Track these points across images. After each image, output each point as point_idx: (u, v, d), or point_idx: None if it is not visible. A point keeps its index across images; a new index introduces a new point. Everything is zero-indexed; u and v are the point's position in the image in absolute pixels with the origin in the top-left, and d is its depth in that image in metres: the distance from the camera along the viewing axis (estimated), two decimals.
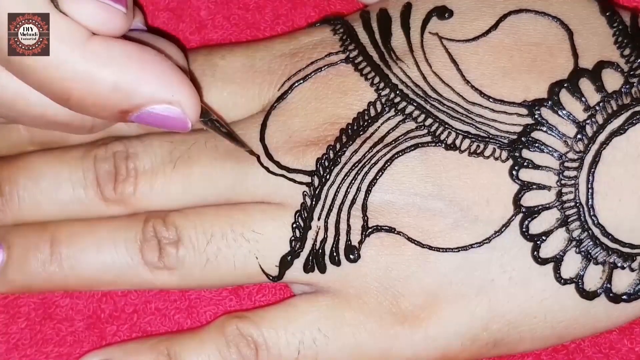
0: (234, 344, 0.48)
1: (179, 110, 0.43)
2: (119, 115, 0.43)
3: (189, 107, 0.43)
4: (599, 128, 0.46)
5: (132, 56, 0.42)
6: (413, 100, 0.47)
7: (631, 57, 0.47)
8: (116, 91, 0.42)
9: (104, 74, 0.41)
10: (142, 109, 0.43)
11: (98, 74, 0.41)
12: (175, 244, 0.49)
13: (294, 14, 0.55)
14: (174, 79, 0.43)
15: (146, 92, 0.42)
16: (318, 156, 0.47)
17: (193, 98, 0.44)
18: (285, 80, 0.49)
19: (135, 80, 0.42)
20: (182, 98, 0.43)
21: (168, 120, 0.44)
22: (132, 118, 0.43)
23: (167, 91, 0.43)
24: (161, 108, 0.43)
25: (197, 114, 0.44)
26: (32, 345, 0.52)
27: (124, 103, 0.42)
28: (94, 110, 0.43)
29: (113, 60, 0.41)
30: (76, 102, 0.42)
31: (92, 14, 0.41)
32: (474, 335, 0.47)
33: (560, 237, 0.46)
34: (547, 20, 0.48)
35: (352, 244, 0.47)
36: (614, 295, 0.46)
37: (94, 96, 0.42)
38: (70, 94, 0.41)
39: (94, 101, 0.42)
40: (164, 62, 0.43)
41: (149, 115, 0.43)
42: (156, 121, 0.44)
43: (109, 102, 0.42)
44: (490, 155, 0.46)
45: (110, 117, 0.43)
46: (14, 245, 0.50)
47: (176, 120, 0.44)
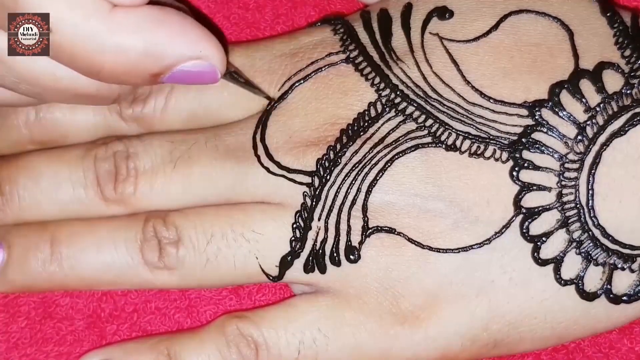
0: (234, 344, 0.48)
1: (208, 63, 0.44)
2: (150, 79, 0.43)
3: (217, 59, 0.44)
4: (599, 129, 0.46)
5: (156, 19, 0.42)
6: (413, 100, 0.47)
7: (632, 58, 0.47)
8: (146, 56, 0.42)
9: (133, 42, 0.41)
10: (173, 69, 0.43)
11: (127, 42, 0.41)
12: (175, 243, 0.49)
13: (294, 13, 0.55)
14: (199, 34, 0.43)
15: (176, 52, 0.43)
16: (318, 156, 0.47)
17: (219, 50, 0.44)
18: (286, 80, 0.49)
19: (163, 43, 0.42)
20: (210, 52, 0.44)
21: (199, 75, 0.44)
22: (164, 79, 0.44)
23: (195, 47, 0.43)
24: (191, 64, 0.43)
25: (224, 65, 0.45)
26: (32, 344, 0.52)
27: (156, 66, 0.43)
28: (126, 78, 0.43)
29: (139, 26, 0.41)
30: (108, 73, 0.42)
31: None
32: (474, 335, 0.47)
33: (560, 238, 0.46)
34: (547, 21, 0.48)
35: (353, 244, 0.47)
36: (614, 296, 0.46)
37: (125, 65, 0.42)
38: (102, 66, 0.42)
39: (126, 70, 0.42)
40: (186, 19, 0.43)
41: (180, 73, 0.43)
42: (188, 78, 0.44)
43: (141, 68, 0.42)
44: (490, 156, 0.46)
45: (142, 82, 0.44)
46: (14, 244, 0.50)
47: (207, 74, 0.44)
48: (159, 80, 0.44)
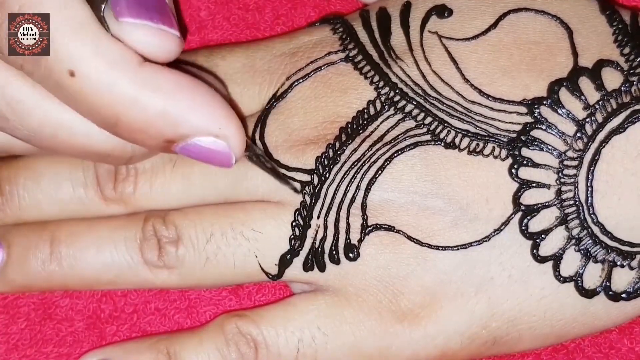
0: (234, 343, 0.48)
1: (225, 144, 0.43)
2: (164, 145, 0.43)
3: (235, 142, 0.43)
4: (598, 126, 0.46)
5: (182, 85, 0.42)
6: (412, 98, 0.47)
7: (631, 56, 0.47)
8: (164, 118, 0.41)
9: (154, 100, 0.41)
10: (187, 140, 0.43)
11: (147, 99, 0.41)
12: (174, 242, 0.49)
13: (293, 14, 0.55)
14: (222, 112, 0.43)
15: (194, 123, 0.42)
16: (318, 155, 0.47)
17: (240, 133, 0.43)
18: (285, 80, 0.49)
19: (183, 110, 0.42)
20: (229, 132, 0.43)
21: (213, 154, 0.43)
22: (177, 149, 0.43)
23: (215, 124, 0.42)
24: (207, 141, 0.43)
25: (242, 150, 0.44)
26: (32, 346, 0.52)
27: (171, 131, 0.42)
28: (141, 136, 0.42)
29: (163, 87, 0.41)
30: (124, 127, 0.42)
31: (146, 38, 0.41)
32: (474, 333, 0.47)
33: (559, 235, 0.46)
34: (546, 19, 0.48)
35: (352, 242, 0.47)
36: (614, 294, 0.46)
37: (141, 122, 0.41)
38: (119, 118, 0.41)
39: (141, 127, 0.42)
40: (213, 94, 0.43)
41: (194, 147, 0.43)
42: (201, 154, 0.43)
43: (156, 128, 0.42)
44: (489, 154, 0.46)
45: (156, 146, 0.43)
46: (14, 244, 0.50)
47: (221, 155, 0.43)
48: (172, 148, 0.43)
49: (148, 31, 0.41)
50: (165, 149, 0.43)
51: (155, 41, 0.41)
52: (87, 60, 0.40)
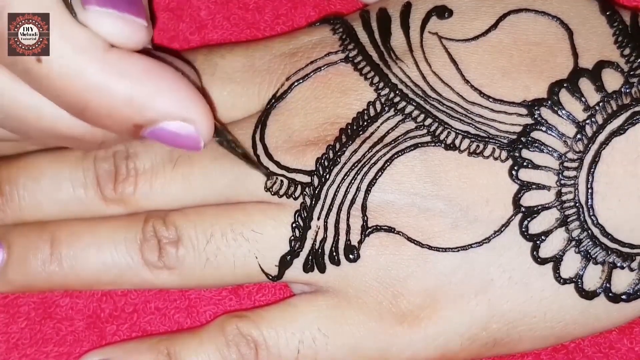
0: (234, 344, 0.48)
1: (193, 128, 0.43)
2: (132, 129, 0.43)
3: (203, 126, 0.43)
4: (598, 128, 0.46)
5: (149, 70, 0.42)
6: (412, 100, 0.47)
7: (631, 57, 0.47)
8: (131, 104, 0.42)
9: (121, 86, 0.41)
10: (155, 125, 0.43)
11: (115, 85, 0.41)
12: (175, 243, 0.49)
13: (293, 13, 0.55)
14: (189, 96, 0.43)
15: (161, 107, 0.42)
16: (318, 156, 0.47)
17: (207, 117, 0.43)
18: (285, 80, 0.49)
19: (150, 95, 0.42)
20: (197, 116, 0.43)
21: (180, 138, 0.43)
22: (145, 133, 0.43)
23: (181, 108, 0.43)
24: (175, 125, 0.43)
25: (211, 134, 0.44)
26: (32, 345, 0.52)
27: (138, 116, 0.42)
28: (109, 122, 0.42)
29: (130, 72, 0.41)
30: (91, 113, 0.42)
31: (112, 27, 0.41)
32: (474, 334, 0.47)
33: (559, 237, 0.46)
34: (546, 20, 0.48)
35: (352, 243, 0.47)
36: (614, 295, 0.46)
37: (109, 108, 0.41)
38: (87, 104, 0.41)
39: (109, 113, 0.42)
40: (180, 79, 0.43)
41: (162, 131, 0.43)
42: (169, 138, 0.43)
43: (124, 114, 0.42)
44: (489, 155, 0.46)
45: (124, 131, 0.43)
46: (14, 244, 0.50)
47: (189, 139, 0.44)
48: (141, 132, 0.43)
49: (114, 20, 0.41)
50: (133, 134, 0.43)
51: (122, 30, 0.41)
52: (53, 46, 0.40)
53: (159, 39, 0.55)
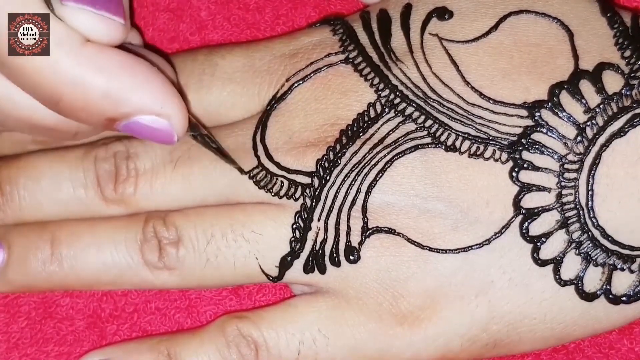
0: (234, 344, 0.48)
1: (166, 122, 0.44)
2: (106, 123, 0.43)
3: (177, 120, 0.44)
4: (599, 130, 0.46)
5: (124, 65, 0.42)
6: (413, 101, 0.47)
7: (632, 59, 0.47)
8: (106, 98, 0.42)
9: (96, 80, 0.42)
10: (129, 118, 0.43)
11: (90, 79, 0.41)
12: (175, 244, 0.49)
13: (294, 14, 0.55)
14: (164, 91, 0.43)
15: (135, 102, 0.43)
16: (318, 157, 0.47)
17: (181, 112, 0.44)
18: (285, 81, 0.49)
19: (125, 89, 0.42)
20: (171, 111, 0.44)
21: (154, 132, 0.44)
22: (119, 127, 0.44)
23: (156, 102, 0.43)
24: (149, 119, 0.43)
25: (184, 129, 0.45)
26: (32, 344, 0.52)
27: (112, 110, 0.43)
28: (83, 115, 0.43)
29: (106, 67, 0.42)
30: (66, 106, 0.42)
31: (89, 23, 0.41)
32: (474, 336, 0.47)
33: (560, 238, 0.46)
34: (547, 21, 0.48)
35: (352, 245, 0.47)
36: (614, 297, 0.46)
37: (83, 101, 0.42)
38: (61, 97, 0.42)
39: (84, 106, 0.42)
40: (155, 74, 0.44)
41: (136, 125, 0.44)
42: (142, 132, 0.44)
43: (98, 108, 0.42)
44: (490, 157, 0.46)
45: (98, 124, 0.44)
46: (14, 244, 0.50)
47: (163, 133, 0.44)
48: (115, 126, 0.44)
49: (90, 16, 0.41)
50: (107, 127, 0.44)
51: (98, 26, 0.42)
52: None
53: (159, 40, 0.55)
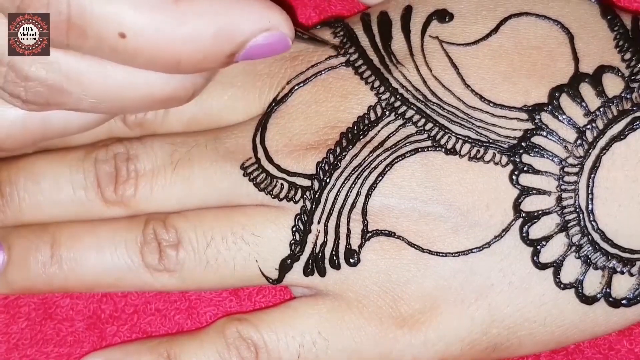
0: (234, 347, 0.48)
1: (278, 32, 0.43)
2: (227, 60, 0.43)
3: (285, 25, 0.43)
4: (599, 133, 0.46)
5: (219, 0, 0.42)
6: (413, 104, 0.47)
7: (632, 62, 0.47)
8: (219, 38, 0.41)
9: (203, 27, 0.41)
10: (246, 46, 0.43)
11: (197, 29, 0.41)
12: (175, 246, 0.49)
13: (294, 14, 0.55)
14: (262, 5, 0.43)
15: (246, 28, 0.42)
16: (318, 160, 0.47)
17: (285, 16, 0.43)
18: (286, 83, 0.49)
19: (232, 21, 0.42)
20: (277, 20, 0.43)
21: (272, 46, 0.43)
22: (239, 58, 0.43)
23: (262, 19, 0.42)
24: (262, 38, 0.43)
25: (293, 30, 0.44)
26: (32, 345, 0.52)
27: (229, 46, 0.42)
28: (205, 64, 0.42)
29: (205, 11, 0.41)
30: (187, 63, 0.42)
31: None
32: (474, 339, 0.47)
33: (560, 242, 0.46)
34: (547, 24, 0.48)
35: (352, 247, 0.47)
36: (614, 300, 0.46)
37: (201, 52, 0.41)
38: (180, 58, 0.41)
39: (203, 56, 0.42)
40: None
41: (254, 48, 0.43)
42: (261, 52, 0.43)
43: (216, 50, 0.42)
44: (490, 160, 0.46)
45: (221, 65, 0.43)
46: (14, 246, 0.50)
47: (279, 43, 0.43)
48: (235, 59, 0.43)
49: None
50: (229, 63, 0.43)
51: None
52: (131, 18, 0.40)
53: None
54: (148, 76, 0.43)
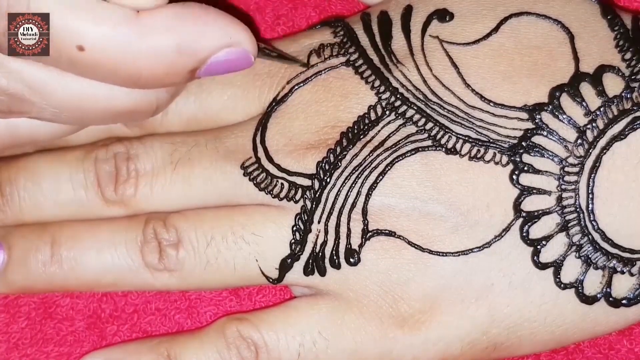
0: (234, 346, 0.48)
1: (240, 49, 0.43)
2: (189, 76, 0.43)
3: (247, 42, 0.43)
4: (599, 133, 0.46)
5: (182, 16, 0.41)
6: (413, 104, 0.47)
7: (632, 61, 0.47)
8: (181, 54, 0.41)
9: (165, 42, 0.41)
10: (207, 62, 0.43)
11: (159, 44, 0.41)
12: (175, 245, 0.49)
13: (294, 14, 0.55)
14: (225, 22, 0.42)
15: (207, 44, 0.42)
16: (318, 159, 0.47)
17: (247, 33, 0.43)
18: (286, 83, 0.49)
19: (194, 37, 0.42)
20: (239, 36, 0.43)
21: (233, 62, 0.43)
22: (200, 73, 0.43)
23: (224, 35, 0.42)
24: (224, 53, 0.43)
25: (255, 46, 0.44)
26: (32, 345, 0.52)
27: (191, 62, 0.42)
28: (167, 79, 0.42)
29: (167, 26, 0.41)
30: (148, 78, 0.42)
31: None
32: (474, 339, 0.47)
33: (560, 241, 0.46)
34: (548, 23, 0.48)
35: (352, 247, 0.47)
36: (614, 300, 0.46)
37: (162, 67, 0.41)
38: (140, 72, 0.41)
39: (164, 71, 0.42)
40: (209, 10, 0.43)
41: (216, 64, 0.43)
42: (223, 68, 0.43)
43: (178, 66, 0.42)
44: (490, 160, 0.46)
45: (182, 81, 0.43)
46: (14, 245, 0.50)
47: (241, 60, 0.43)
48: (197, 75, 0.43)
49: None
50: (190, 79, 0.43)
51: None
52: (90, 31, 0.40)
53: None
54: (110, 89, 0.43)
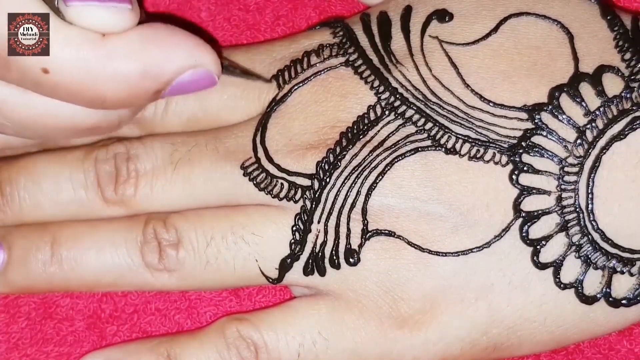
0: (234, 347, 0.48)
1: (205, 70, 0.44)
2: (153, 97, 0.44)
3: (211, 63, 0.44)
4: (599, 133, 0.46)
5: (147, 39, 0.42)
6: (413, 104, 0.47)
7: (632, 62, 0.47)
8: (145, 77, 0.42)
9: (129, 66, 0.41)
10: (172, 83, 0.43)
11: (124, 68, 0.41)
12: (175, 245, 0.49)
13: (294, 14, 0.55)
14: (189, 44, 0.43)
15: (172, 67, 0.43)
16: (318, 159, 0.47)
17: (212, 53, 0.44)
18: None
19: (158, 60, 0.42)
20: (203, 58, 0.43)
21: (197, 83, 0.44)
22: (164, 95, 0.44)
23: (188, 58, 0.43)
24: (188, 75, 0.43)
25: (219, 67, 0.45)
26: (32, 345, 0.52)
27: (155, 84, 0.43)
28: (131, 101, 0.43)
29: (132, 49, 0.41)
30: (112, 101, 0.42)
31: (99, 18, 0.41)
32: (474, 339, 0.47)
33: (560, 241, 0.46)
34: (547, 24, 0.48)
35: (352, 247, 0.47)
36: (614, 300, 0.46)
37: (126, 90, 0.42)
38: (105, 96, 0.42)
39: (128, 94, 0.42)
40: (174, 31, 0.43)
41: (180, 85, 0.43)
42: (187, 88, 0.44)
43: (142, 89, 0.42)
44: (490, 160, 0.46)
45: (147, 102, 0.44)
46: (14, 245, 0.50)
47: (204, 80, 0.44)
48: (161, 95, 0.44)
49: (97, 10, 0.41)
50: (155, 99, 0.44)
51: (107, 18, 0.41)
52: (55, 53, 0.40)
53: None
54: (73, 108, 0.43)
